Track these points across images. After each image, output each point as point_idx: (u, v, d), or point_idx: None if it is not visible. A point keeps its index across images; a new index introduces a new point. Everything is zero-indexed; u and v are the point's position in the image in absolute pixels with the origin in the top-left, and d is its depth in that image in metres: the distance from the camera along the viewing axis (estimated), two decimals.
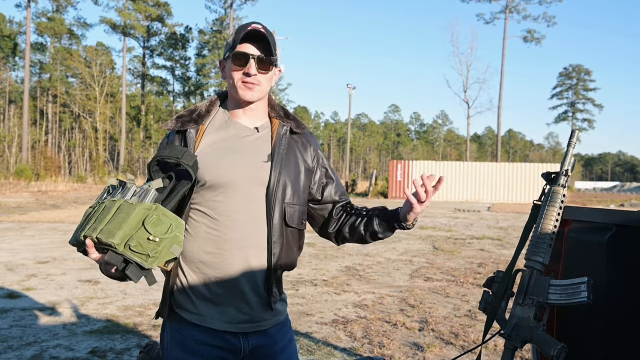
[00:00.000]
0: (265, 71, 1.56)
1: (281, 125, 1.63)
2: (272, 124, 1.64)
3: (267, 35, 1.53)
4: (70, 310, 5.04)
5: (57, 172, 40.86)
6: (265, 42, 1.53)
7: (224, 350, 1.53)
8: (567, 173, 1.43)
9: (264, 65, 1.55)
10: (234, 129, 1.60)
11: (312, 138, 1.71)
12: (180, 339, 1.52)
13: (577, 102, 73.39)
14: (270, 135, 1.62)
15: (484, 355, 3.95)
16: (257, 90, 1.57)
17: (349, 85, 40.31)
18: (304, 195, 1.64)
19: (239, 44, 1.53)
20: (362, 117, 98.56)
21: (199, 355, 1.51)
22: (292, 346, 1.66)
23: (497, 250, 9.74)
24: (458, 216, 18.11)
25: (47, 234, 10.69)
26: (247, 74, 1.53)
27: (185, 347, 1.52)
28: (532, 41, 50.83)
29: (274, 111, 1.67)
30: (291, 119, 1.67)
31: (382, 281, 6.73)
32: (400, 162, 31.13)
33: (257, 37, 1.53)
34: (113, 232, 1.31)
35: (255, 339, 1.55)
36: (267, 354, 1.58)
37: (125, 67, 51.96)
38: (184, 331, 1.52)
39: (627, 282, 1.38)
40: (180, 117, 1.61)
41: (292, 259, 1.60)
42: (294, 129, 1.65)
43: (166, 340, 1.56)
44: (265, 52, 1.54)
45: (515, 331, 1.33)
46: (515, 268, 1.43)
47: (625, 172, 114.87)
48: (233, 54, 1.53)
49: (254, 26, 1.54)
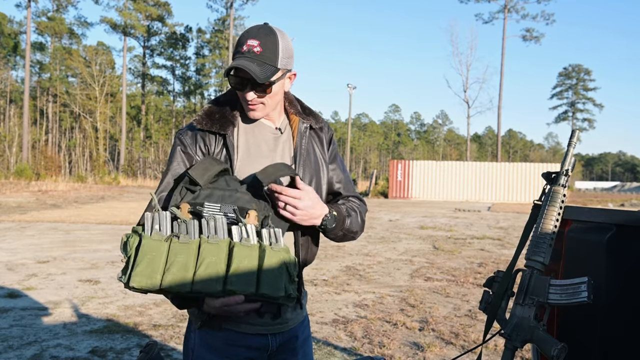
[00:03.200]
0: (263, 93, 1.48)
1: (301, 122, 1.61)
2: (290, 120, 1.62)
3: (264, 58, 1.44)
4: (70, 310, 5.04)
5: (57, 172, 40.87)
6: (260, 61, 1.44)
7: (252, 350, 1.52)
8: (567, 173, 1.43)
9: (260, 88, 1.47)
10: (259, 131, 1.57)
11: (329, 131, 1.71)
12: (210, 340, 1.50)
13: (577, 102, 73.39)
14: (290, 133, 1.60)
15: (484, 354, 3.95)
16: (261, 110, 1.52)
17: (349, 85, 40.30)
18: (325, 190, 1.64)
19: (234, 60, 1.46)
20: (362, 117, 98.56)
21: (227, 357, 1.50)
22: (310, 339, 1.70)
23: (497, 250, 9.74)
24: (458, 216, 18.11)
25: (47, 234, 10.69)
26: (245, 98, 1.49)
27: (214, 348, 1.50)
28: (531, 40, 50.82)
29: (292, 106, 1.63)
30: (308, 113, 1.65)
31: (382, 281, 6.73)
32: (400, 161, 31.13)
33: (251, 57, 1.44)
34: (278, 286, 1.32)
35: (282, 335, 1.57)
36: (290, 348, 1.60)
37: (125, 66, 51.98)
38: (214, 332, 1.50)
39: (627, 281, 1.38)
40: (209, 115, 1.52)
41: (314, 255, 1.63)
42: (313, 125, 1.64)
43: (192, 341, 1.54)
44: (259, 74, 1.43)
45: (515, 331, 1.33)
46: (516, 268, 1.43)
47: (626, 172, 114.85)
48: (228, 77, 1.46)
49: (251, 45, 1.45)
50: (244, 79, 1.46)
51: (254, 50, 1.45)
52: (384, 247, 9.79)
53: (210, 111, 1.53)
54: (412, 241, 10.74)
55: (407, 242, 10.62)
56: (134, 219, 13.67)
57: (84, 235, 10.55)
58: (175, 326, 4.57)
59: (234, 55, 1.49)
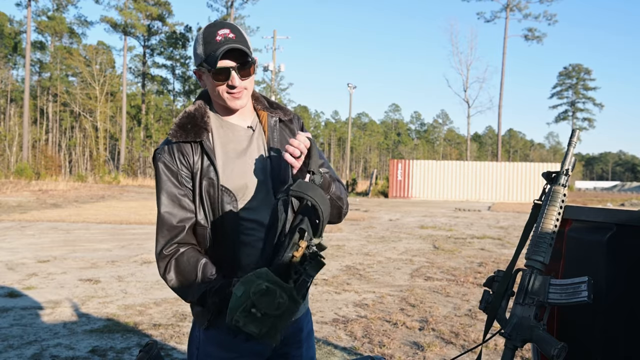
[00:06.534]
0: (247, 76, 1.53)
1: (269, 116, 1.65)
2: (259, 116, 1.65)
3: (240, 41, 1.49)
4: (70, 309, 5.04)
5: (58, 171, 40.87)
6: (240, 48, 1.48)
7: (258, 343, 1.53)
8: (568, 172, 1.43)
9: (244, 71, 1.52)
10: (232, 132, 1.60)
11: (299, 120, 1.74)
12: (215, 335, 1.53)
13: (577, 101, 73.38)
14: (261, 129, 1.63)
15: (484, 354, 3.95)
16: (244, 95, 1.56)
17: (349, 84, 40.31)
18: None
19: (213, 52, 1.47)
20: (363, 116, 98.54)
21: (233, 351, 1.52)
22: (312, 333, 1.73)
23: (497, 250, 9.74)
24: (458, 215, 18.11)
25: (47, 233, 10.69)
26: (230, 86, 1.51)
27: (219, 343, 1.53)
28: (533, 39, 50.71)
29: (258, 103, 1.67)
30: (276, 107, 1.68)
31: (382, 280, 6.73)
32: (400, 161, 31.14)
33: (231, 41, 1.49)
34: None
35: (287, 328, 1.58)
36: (296, 341, 1.63)
37: (126, 65, 51.98)
38: (220, 327, 1.52)
39: (627, 281, 1.38)
40: (182, 127, 1.54)
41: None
42: (282, 117, 1.67)
43: (197, 337, 1.56)
44: (242, 58, 1.49)
45: (515, 330, 1.33)
46: (516, 267, 1.43)
47: (626, 172, 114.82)
48: (213, 71, 1.49)
49: (224, 34, 1.48)
50: (226, 68, 1.48)
51: (229, 37, 1.48)
52: (384, 246, 9.79)
53: (182, 123, 1.56)
54: (412, 241, 10.74)
55: (407, 241, 10.62)
56: (134, 219, 13.68)
57: (84, 235, 10.55)
58: (175, 325, 4.57)
59: (207, 50, 1.49)
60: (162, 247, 1.51)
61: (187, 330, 4.42)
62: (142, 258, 7.98)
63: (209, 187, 1.52)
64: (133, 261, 7.74)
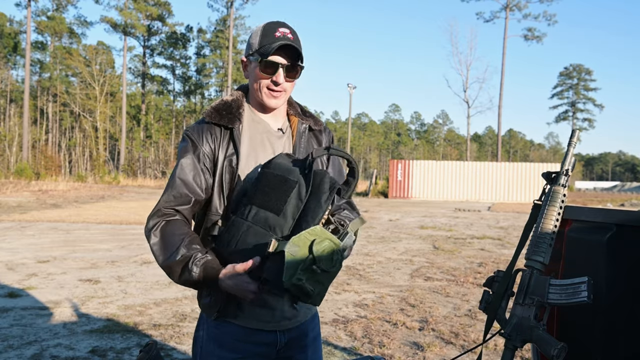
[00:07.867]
0: (292, 78, 1.57)
1: (300, 122, 1.67)
2: (290, 121, 1.68)
3: (296, 43, 1.53)
4: (70, 309, 5.04)
5: (57, 171, 40.86)
6: (294, 49, 1.52)
7: (261, 345, 1.55)
8: (568, 172, 1.43)
9: (291, 73, 1.55)
10: (262, 129, 1.62)
11: (329, 135, 1.76)
12: (218, 335, 1.54)
13: (577, 102, 73.40)
14: (290, 133, 1.66)
15: (484, 354, 3.96)
16: (282, 97, 1.59)
17: (349, 85, 40.29)
18: None
19: (269, 45, 1.51)
20: (363, 117, 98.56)
21: (235, 352, 1.53)
22: (319, 337, 1.72)
23: (497, 250, 9.74)
24: (458, 215, 18.11)
25: (47, 233, 10.69)
26: (274, 82, 1.54)
27: (223, 343, 1.53)
28: (532, 39, 50.70)
29: (292, 108, 1.69)
30: (308, 115, 1.71)
31: (382, 280, 6.73)
32: (400, 161, 31.13)
33: (288, 46, 1.52)
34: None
35: (291, 332, 1.60)
36: (299, 345, 1.63)
37: (126, 66, 51.97)
38: (223, 327, 1.53)
39: (627, 281, 1.38)
40: (217, 111, 1.57)
41: None
42: (312, 126, 1.69)
43: (202, 336, 1.57)
44: (294, 59, 1.54)
45: (515, 330, 1.33)
46: (515, 267, 1.43)
47: (626, 172, 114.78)
48: (263, 62, 1.52)
49: (284, 32, 1.52)
50: (276, 63, 1.52)
51: (288, 36, 1.53)
52: (384, 246, 9.79)
53: (218, 107, 1.59)
54: (412, 241, 10.74)
55: (407, 241, 10.62)
56: (134, 219, 13.67)
57: (84, 235, 10.55)
58: (175, 326, 4.57)
59: (263, 42, 1.52)
60: (163, 206, 1.51)
61: (187, 330, 4.42)
62: (142, 258, 7.98)
63: (228, 174, 1.53)
64: (133, 261, 7.74)
